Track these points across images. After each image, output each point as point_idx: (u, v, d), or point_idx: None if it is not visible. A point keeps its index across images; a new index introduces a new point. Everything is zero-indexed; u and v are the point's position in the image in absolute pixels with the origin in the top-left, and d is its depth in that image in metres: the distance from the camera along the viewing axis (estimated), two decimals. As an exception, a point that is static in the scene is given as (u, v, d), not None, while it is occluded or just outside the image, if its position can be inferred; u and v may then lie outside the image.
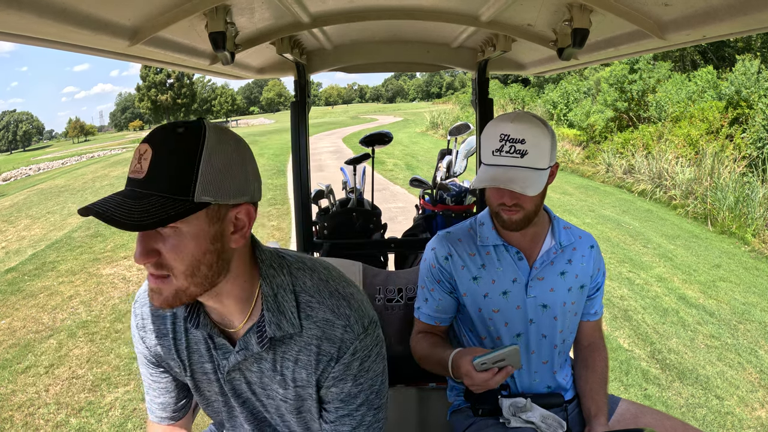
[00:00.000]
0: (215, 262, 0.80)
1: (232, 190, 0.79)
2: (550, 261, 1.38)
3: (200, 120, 0.80)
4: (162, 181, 0.73)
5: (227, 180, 0.77)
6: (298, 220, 2.19)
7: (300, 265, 0.93)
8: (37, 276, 5.81)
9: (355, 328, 0.90)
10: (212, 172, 0.76)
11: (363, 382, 0.93)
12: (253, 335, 0.89)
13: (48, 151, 63.59)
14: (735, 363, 3.64)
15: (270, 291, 0.88)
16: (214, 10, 1.11)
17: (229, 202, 0.79)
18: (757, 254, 6.05)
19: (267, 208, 8.68)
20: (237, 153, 0.80)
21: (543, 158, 1.23)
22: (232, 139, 0.81)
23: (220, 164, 0.77)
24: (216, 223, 0.79)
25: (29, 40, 0.86)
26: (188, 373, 1.00)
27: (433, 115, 24.73)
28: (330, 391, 0.93)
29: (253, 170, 0.84)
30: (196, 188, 0.74)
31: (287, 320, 0.88)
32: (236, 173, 0.79)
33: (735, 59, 11.12)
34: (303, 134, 2.11)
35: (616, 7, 1.10)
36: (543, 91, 19.83)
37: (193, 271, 0.78)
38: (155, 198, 0.72)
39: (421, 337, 1.48)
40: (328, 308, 0.90)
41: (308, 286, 0.91)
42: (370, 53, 2.11)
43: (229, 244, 0.82)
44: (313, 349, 0.90)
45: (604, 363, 1.45)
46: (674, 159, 8.93)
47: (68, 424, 3.05)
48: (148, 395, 1.08)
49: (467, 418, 1.42)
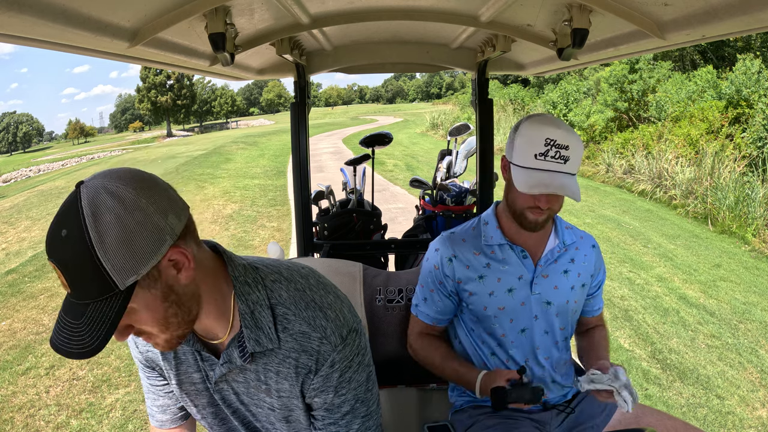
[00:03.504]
0: (179, 309, 0.80)
1: (147, 254, 0.72)
2: (554, 259, 1.40)
3: (77, 194, 0.71)
4: (86, 290, 0.71)
5: (134, 250, 0.70)
6: (298, 221, 2.19)
7: (276, 277, 0.91)
8: (37, 277, 5.81)
9: (331, 340, 0.88)
10: (116, 257, 0.69)
11: (346, 392, 0.91)
12: (235, 349, 0.89)
13: (48, 153, 63.61)
14: (736, 363, 3.63)
15: (246, 308, 0.87)
16: (214, 12, 1.11)
17: (151, 264, 0.73)
18: (758, 254, 6.05)
19: (267, 209, 8.68)
20: (126, 211, 0.70)
21: (578, 164, 1.26)
22: (112, 198, 0.70)
23: (116, 244, 0.69)
24: (156, 285, 0.76)
25: (29, 41, 0.85)
26: (175, 382, 0.99)
27: (433, 116, 24.72)
28: (314, 401, 0.93)
29: (157, 208, 0.73)
30: (114, 279, 0.70)
31: (265, 335, 0.87)
32: (138, 236, 0.71)
33: (735, 59, 11.11)
34: (303, 135, 2.11)
35: (616, 7, 1.10)
36: (543, 91, 19.81)
37: (166, 326, 0.80)
38: (91, 307, 0.71)
39: (425, 341, 1.50)
40: (304, 320, 0.88)
41: (284, 299, 0.89)
42: (369, 54, 2.11)
43: (181, 285, 0.79)
44: (291, 362, 0.89)
45: (603, 336, 1.53)
46: (674, 159, 8.92)
47: (69, 426, 3.05)
48: (149, 399, 1.07)
49: (469, 418, 1.43)
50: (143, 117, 79.46)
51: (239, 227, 7.59)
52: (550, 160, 1.22)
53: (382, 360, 1.73)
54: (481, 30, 1.62)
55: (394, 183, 10.51)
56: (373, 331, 1.74)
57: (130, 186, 0.72)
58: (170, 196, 0.77)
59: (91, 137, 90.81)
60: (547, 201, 1.27)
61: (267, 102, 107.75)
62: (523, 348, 1.40)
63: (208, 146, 21.25)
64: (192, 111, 67.31)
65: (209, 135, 41.81)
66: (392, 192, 9.61)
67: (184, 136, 51.93)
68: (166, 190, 0.77)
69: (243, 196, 9.85)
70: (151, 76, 59.63)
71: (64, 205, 0.72)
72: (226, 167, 14.09)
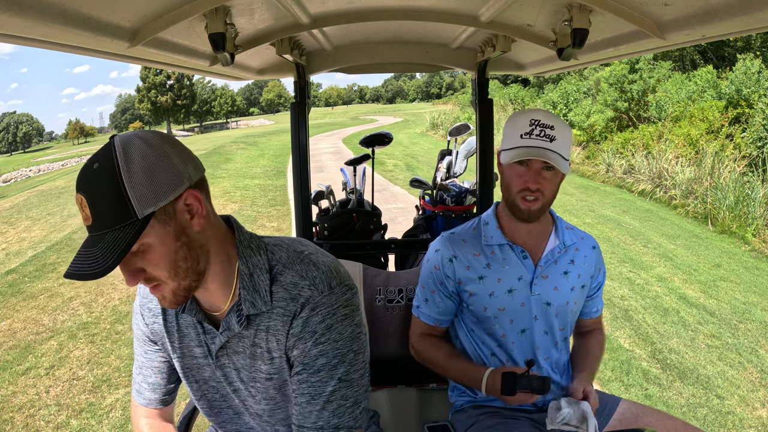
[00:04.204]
0: (189, 253, 0.86)
1: (166, 188, 0.81)
2: (554, 260, 1.40)
3: (111, 139, 0.82)
4: (106, 218, 0.78)
5: (156, 183, 0.80)
6: (299, 221, 2.19)
7: (278, 242, 0.98)
8: (37, 277, 5.81)
9: (319, 286, 0.91)
10: (139, 185, 0.78)
11: (324, 342, 0.89)
12: (234, 315, 0.93)
13: (48, 153, 63.66)
14: (736, 362, 3.64)
15: (246, 270, 0.92)
16: (214, 12, 1.11)
17: (169, 198, 0.81)
18: (758, 254, 6.05)
19: (267, 209, 8.69)
20: (152, 151, 0.81)
21: (566, 148, 1.28)
22: (141, 140, 0.81)
23: (141, 173, 0.79)
24: (170, 222, 0.83)
25: (29, 41, 0.85)
26: (177, 356, 1.03)
27: (433, 116, 24.73)
28: (293, 354, 0.92)
29: (179, 156, 0.84)
30: (134, 207, 0.78)
31: (261, 298, 0.92)
32: (160, 171, 0.80)
33: (735, 59, 11.11)
34: (303, 135, 2.11)
35: (616, 7, 1.10)
36: (543, 91, 19.81)
37: (175, 271, 0.85)
38: (109, 235, 0.78)
39: (427, 341, 1.50)
40: (296, 273, 0.93)
41: (282, 258, 0.95)
42: (369, 54, 2.11)
43: (193, 231, 0.86)
44: (279, 311, 0.92)
45: (597, 341, 1.52)
46: (674, 159, 8.93)
47: (69, 426, 3.05)
48: (140, 375, 1.10)
49: (469, 418, 1.43)
50: (143, 117, 79.37)
51: (239, 227, 7.58)
52: (535, 137, 1.26)
53: (382, 360, 1.73)
54: (481, 30, 1.62)
55: (394, 183, 10.51)
56: (373, 331, 1.74)
57: (158, 136, 0.84)
58: (190, 154, 0.87)
59: (91, 137, 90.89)
60: (534, 180, 1.27)
61: (267, 102, 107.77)
62: (523, 348, 1.40)
63: (208, 146, 21.25)
64: (192, 111, 67.34)
65: (209, 135, 41.84)
66: (392, 192, 9.62)
67: (184, 136, 51.92)
68: (187, 149, 0.87)
69: (243, 196, 9.85)
70: (151, 76, 59.65)
71: (99, 150, 0.82)
72: (226, 167, 14.09)
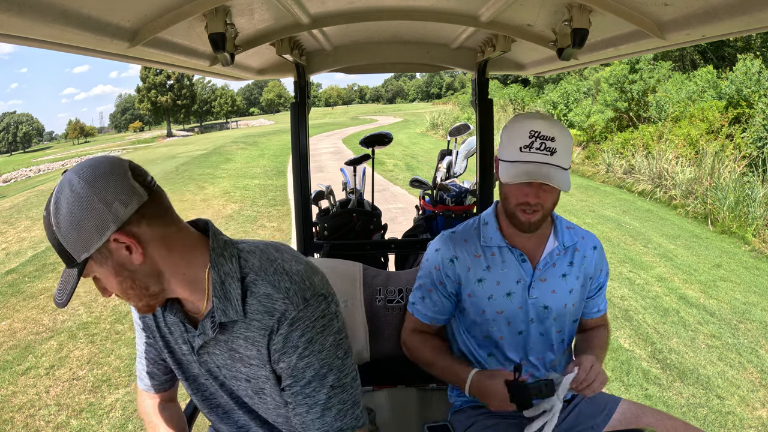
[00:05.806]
0: (134, 283, 0.90)
1: (91, 236, 0.84)
2: (553, 263, 1.39)
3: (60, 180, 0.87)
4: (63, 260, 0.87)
5: (81, 231, 0.83)
6: (298, 221, 2.19)
7: (252, 249, 0.97)
8: (37, 277, 5.81)
9: (293, 300, 0.91)
10: (68, 235, 0.83)
11: (309, 355, 0.91)
12: (209, 320, 0.95)
13: (48, 153, 63.64)
14: (736, 363, 3.64)
15: (218, 278, 0.92)
16: (214, 12, 1.11)
17: (97, 245, 0.84)
18: (758, 254, 6.05)
19: (267, 209, 8.68)
20: (77, 199, 0.83)
21: (567, 158, 1.23)
22: (70, 187, 0.83)
23: (68, 225, 0.83)
24: (107, 261, 0.87)
25: (29, 41, 0.86)
26: (167, 351, 1.06)
27: (433, 116, 24.71)
28: (280, 367, 0.94)
29: (104, 198, 0.83)
30: (71, 254, 0.85)
31: (232, 307, 0.92)
32: (84, 220, 0.83)
33: (735, 59, 11.11)
34: (303, 135, 2.11)
35: (616, 7, 1.10)
36: (543, 91, 19.81)
37: (127, 296, 0.92)
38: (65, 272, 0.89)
39: (417, 337, 1.48)
40: (269, 283, 0.92)
41: (255, 266, 0.94)
42: (369, 54, 2.11)
43: (134, 265, 0.88)
44: (256, 325, 0.92)
45: (599, 334, 1.49)
46: (674, 159, 8.92)
47: (69, 426, 3.05)
48: (141, 362, 1.14)
49: (468, 418, 1.42)
50: (143, 117, 79.45)
51: (239, 227, 7.59)
52: (535, 151, 1.21)
53: (382, 360, 1.73)
54: (481, 30, 1.62)
55: (394, 183, 10.51)
56: (373, 331, 1.74)
57: (84, 179, 0.84)
58: (120, 187, 0.85)
59: (91, 137, 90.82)
60: (535, 195, 1.24)
61: (267, 102, 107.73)
62: (518, 350, 1.40)
63: (208, 146, 21.25)
64: (192, 111, 67.28)
65: (209, 135, 41.80)
66: (392, 192, 9.61)
67: (184, 136, 51.93)
68: (119, 181, 0.85)
69: (243, 196, 9.85)
70: (151, 76, 59.61)
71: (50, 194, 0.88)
72: (226, 167, 14.09)
